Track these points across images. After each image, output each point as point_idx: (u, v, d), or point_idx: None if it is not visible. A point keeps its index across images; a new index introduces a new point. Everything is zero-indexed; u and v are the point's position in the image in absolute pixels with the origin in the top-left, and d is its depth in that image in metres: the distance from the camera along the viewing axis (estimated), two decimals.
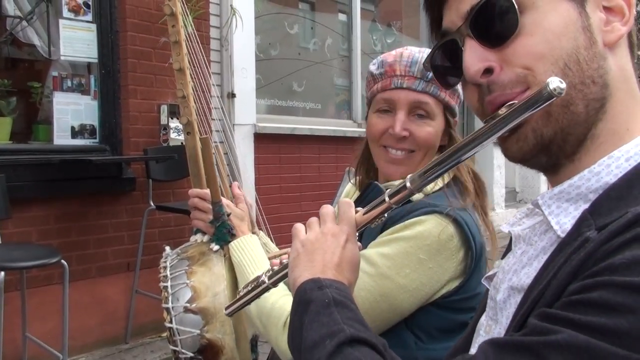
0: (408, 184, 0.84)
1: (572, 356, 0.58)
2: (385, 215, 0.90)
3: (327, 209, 0.96)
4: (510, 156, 0.79)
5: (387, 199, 0.88)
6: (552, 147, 0.75)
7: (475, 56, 0.76)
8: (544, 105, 0.68)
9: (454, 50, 0.80)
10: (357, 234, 0.94)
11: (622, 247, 0.61)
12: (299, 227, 0.98)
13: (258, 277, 1.02)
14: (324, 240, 0.91)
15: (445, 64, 0.85)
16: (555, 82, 0.67)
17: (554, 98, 0.67)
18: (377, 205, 0.90)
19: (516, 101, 0.73)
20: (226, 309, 1.08)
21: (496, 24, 0.74)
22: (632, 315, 0.56)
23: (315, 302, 0.82)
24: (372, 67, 1.47)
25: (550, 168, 0.79)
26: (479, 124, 1.61)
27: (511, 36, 0.74)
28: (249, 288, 1.03)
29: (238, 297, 1.05)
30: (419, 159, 1.40)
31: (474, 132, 0.78)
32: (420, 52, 1.43)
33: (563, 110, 0.73)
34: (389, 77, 1.41)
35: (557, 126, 0.73)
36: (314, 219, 0.96)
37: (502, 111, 0.73)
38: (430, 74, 1.36)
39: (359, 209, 0.94)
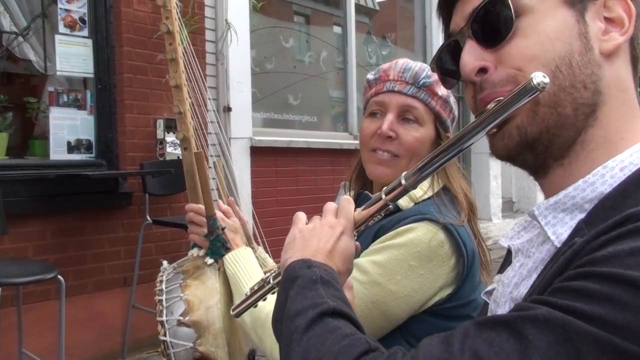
0: (403, 181, 0.86)
1: (548, 330, 0.59)
2: (382, 213, 0.92)
3: (330, 205, 0.98)
4: (497, 153, 0.81)
5: (383, 196, 0.89)
6: (538, 147, 0.77)
7: (472, 55, 0.80)
8: (528, 99, 0.70)
9: (457, 50, 0.83)
10: (355, 233, 0.96)
11: (605, 243, 0.63)
12: (300, 215, 1.00)
13: (264, 278, 1.03)
14: (321, 230, 0.93)
15: (449, 64, 0.88)
16: (539, 77, 0.68)
17: (538, 92, 0.69)
18: (374, 203, 0.92)
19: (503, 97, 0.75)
20: (233, 310, 1.08)
21: (493, 25, 0.78)
22: (607, 302, 0.58)
23: (303, 278, 0.83)
24: (369, 76, 1.52)
25: (538, 169, 0.81)
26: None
27: (506, 37, 0.77)
28: (255, 288, 1.04)
29: (244, 297, 1.06)
30: (404, 165, 1.41)
31: (464, 128, 0.80)
32: (414, 62, 1.48)
33: (550, 111, 0.75)
34: (383, 82, 1.46)
35: (543, 125, 0.75)
36: (317, 216, 0.99)
37: (490, 106, 0.76)
38: (422, 81, 1.42)
39: (358, 209, 0.96)
